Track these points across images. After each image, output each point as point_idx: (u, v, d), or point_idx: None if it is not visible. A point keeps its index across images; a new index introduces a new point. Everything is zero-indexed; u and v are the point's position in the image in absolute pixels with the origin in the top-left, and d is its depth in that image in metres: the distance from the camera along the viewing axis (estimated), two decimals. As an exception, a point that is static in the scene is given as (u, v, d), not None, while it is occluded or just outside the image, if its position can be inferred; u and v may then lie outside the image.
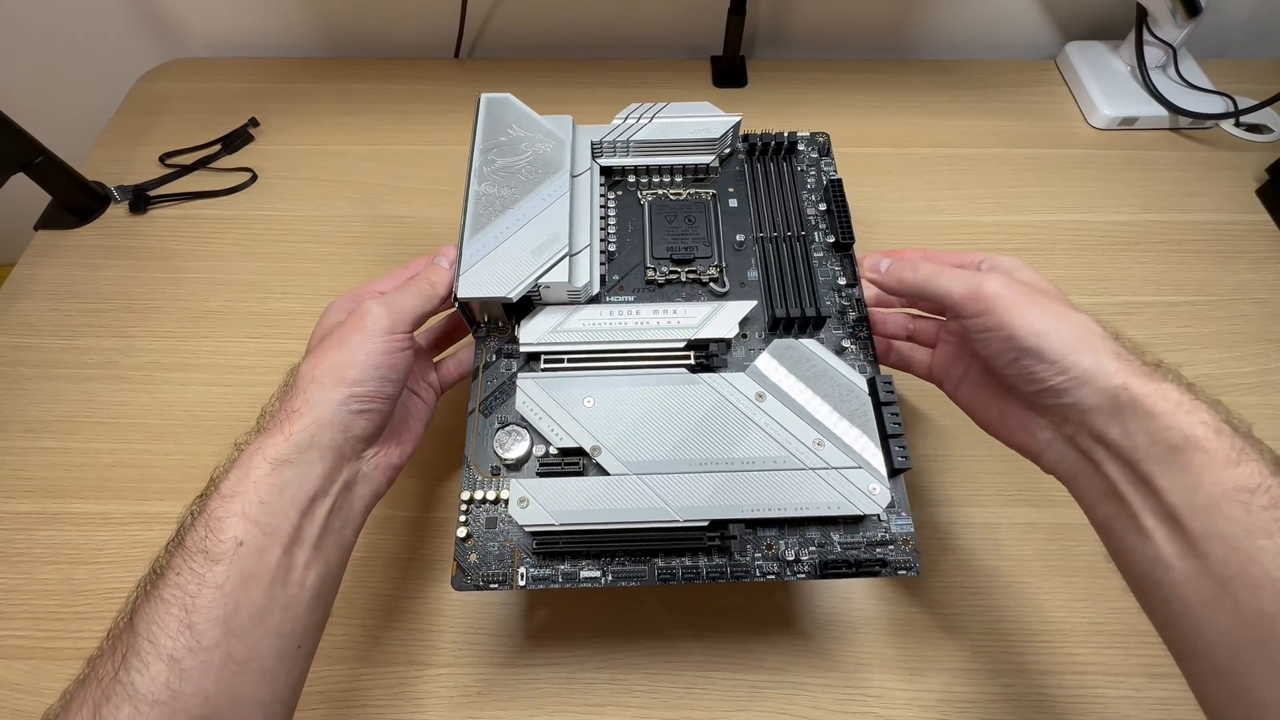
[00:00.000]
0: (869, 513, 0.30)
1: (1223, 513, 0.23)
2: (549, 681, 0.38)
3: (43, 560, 0.41)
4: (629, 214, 0.40)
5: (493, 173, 0.36)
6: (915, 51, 0.70)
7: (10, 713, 0.37)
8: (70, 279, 0.53)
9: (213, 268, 0.53)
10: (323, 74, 0.66)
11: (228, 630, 0.24)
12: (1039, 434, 0.30)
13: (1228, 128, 0.60)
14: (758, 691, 0.37)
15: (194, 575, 0.24)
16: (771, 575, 0.31)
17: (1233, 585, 0.23)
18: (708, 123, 0.39)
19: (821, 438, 0.31)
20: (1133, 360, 0.27)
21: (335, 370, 0.29)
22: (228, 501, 0.26)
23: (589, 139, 0.39)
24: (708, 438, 0.31)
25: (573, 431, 0.32)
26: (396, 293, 0.32)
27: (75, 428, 0.46)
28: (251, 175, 0.58)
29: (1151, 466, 0.25)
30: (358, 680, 0.38)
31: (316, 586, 0.27)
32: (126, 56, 0.68)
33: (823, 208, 0.40)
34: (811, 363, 0.33)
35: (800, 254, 0.37)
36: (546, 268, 0.33)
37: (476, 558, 0.31)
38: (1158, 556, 0.25)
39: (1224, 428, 0.24)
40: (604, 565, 0.31)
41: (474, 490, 0.32)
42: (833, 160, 0.42)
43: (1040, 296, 0.29)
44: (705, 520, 0.30)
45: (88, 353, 0.49)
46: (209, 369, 0.48)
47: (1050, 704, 0.37)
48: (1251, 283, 0.52)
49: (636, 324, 0.34)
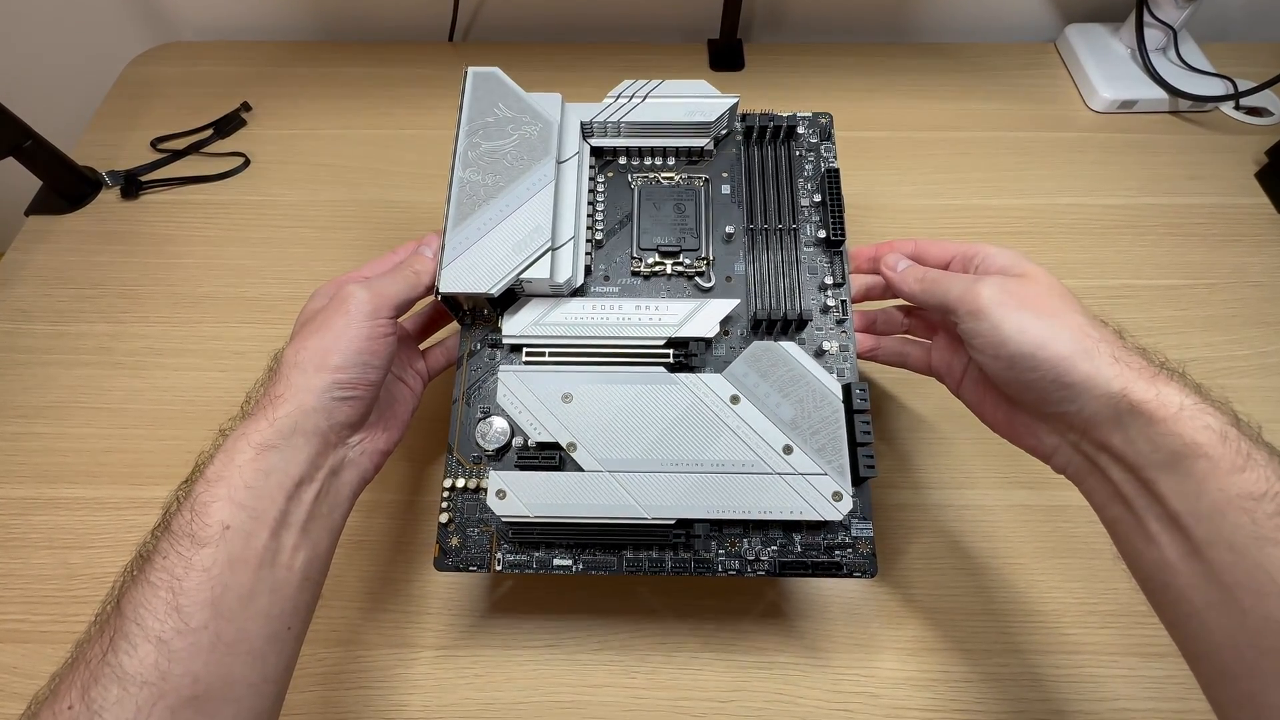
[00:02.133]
0: (831, 519, 0.31)
1: (1227, 519, 0.23)
2: (545, 664, 0.38)
3: (38, 545, 0.41)
4: (619, 197, 0.39)
5: (478, 158, 0.35)
6: (913, 35, 0.70)
7: (8, 696, 0.37)
8: (62, 265, 0.52)
9: (205, 253, 0.53)
10: (315, 58, 0.65)
11: (216, 612, 0.24)
12: (1045, 439, 0.29)
13: (1227, 110, 0.60)
14: (752, 672, 0.37)
15: (180, 558, 0.24)
16: (733, 571, 0.32)
17: (1239, 591, 0.22)
18: (703, 104, 0.38)
19: (791, 443, 0.32)
20: (1133, 363, 0.26)
21: (318, 355, 0.29)
22: (213, 486, 0.26)
23: (579, 118, 0.38)
24: (681, 438, 0.32)
25: (550, 427, 0.32)
26: (380, 278, 0.32)
27: (69, 413, 0.46)
28: (244, 160, 0.58)
29: (1154, 473, 0.25)
30: (353, 661, 0.38)
31: (304, 569, 0.27)
32: (117, 39, 0.67)
33: (818, 198, 0.39)
34: (788, 366, 0.33)
35: (789, 249, 0.37)
36: (528, 263, 0.33)
37: (458, 541, 0.33)
38: (1164, 561, 0.25)
39: (1230, 432, 0.24)
40: (576, 555, 0.33)
41: (456, 478, 0.34)
42: (833, 145, 0.40)
43: (1035, 301, 0.28)
44: (672, 519, 0.31)
45: (80, 338, 0.49)
46: (202, 354, 0.48)
47: (1045, 683, 0.37)
48: (1250, 266, 0.52)
49: (618, 319, 0.34)
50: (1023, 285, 0.29)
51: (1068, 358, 0.26)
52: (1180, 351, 0.48)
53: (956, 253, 0.33)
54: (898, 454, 0.44)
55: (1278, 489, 0.23)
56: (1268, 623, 0.22)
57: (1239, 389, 0.46)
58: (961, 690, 0.37)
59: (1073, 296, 0.29)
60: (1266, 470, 0.23)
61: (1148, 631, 0.38)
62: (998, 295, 0.28)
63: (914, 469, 0.43)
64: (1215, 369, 0.47)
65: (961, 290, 0.29)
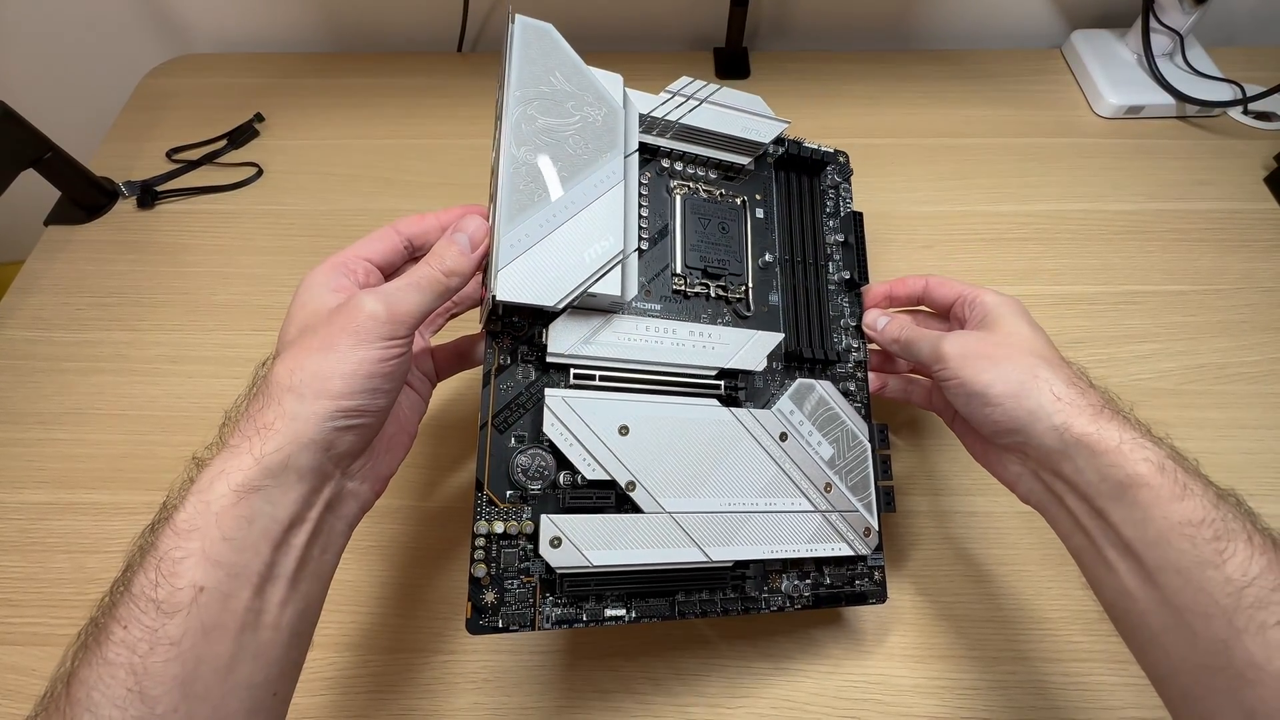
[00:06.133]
0: (861, 553, 0.33)
1: (1172, 545, 0.24)
2: (555, 669, 0.38)
3: (55, 549, 0.42)
4: (657, 203, 0.35)
5: (534, 134, 0.28)
6: (919, 42, 0.70)
7: (26, 699, 0.37)
8: (80, 273, 0.53)
9: (220, 262, 0.54)
10: (327, 69, 0.66)
11: (187, 693, 0.20)
12: (1010, 467, 0.32)
13: (1235, 115, 0.60)
14: (760, 679, 0.38)
15: (145, 631, 0.20)
16: (775, 608, 0.33)
17: (1187, 615, 0.24)
18: (758, 124, 0.36)
19: (832, 481, 0.33)
20: (1076, 401, 0.28)
21: (318, 380, 0.24)
22: (184, 538, 0.21)
23: (638, 109, 0.33)
24: (732, 475, 0.31)
25: (606, 463, 0.29)
26: (399, 287, 0.26)
27: (86, 420, 0.47)
28: (257, 170, 0.59)
29: (1104, 502, 0.26)
30: (362, 665, 0.38)
31: (294, 625, 0.23)
32: (133, 52, 0.68)
33: (840, 238, 0.39)
34: (826, 406, 0.34)
35: (816, 285, 0.37)
36: (599, 274, 0.28)
37: (494, 597, 0.28)
38: (1123, 588, 0.26)
39: (1167, 464, 0.26)
40: (629, 603, 0.30)
41: (492, 522, 0.28)
42: (850, 187, 0.41)
43: (990, 349, 0.31)
44: (732, 561, 0.31)
45: (98, 346, 0.50)
46: (217, 361, 0.49)
47: (1052, 691, 0.37)
48: (1258, 271, 0.52)
49: (673, 344, 0.31)
50: (984, 337, 0.32)
51: (1013, 395, 0.29)
52: (1189, 358, 0.48)
53: (960, 294, 0.36)
54: (904, 461, 0.44)
55: (1214, 516, 0.24)
56: (1214, 643, 0.23)
57: (1247, 395, 0.46)
58: (969, 697, 0.37)
59: (1037, 342, 0.32)
60: (1203, 499, 0.25)
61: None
62: (958, 349, 0.32)
63: (921, 476, 0.43)
64: (1225, 375, 0.47)
65: (930, 347, 0.33)
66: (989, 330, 0.33)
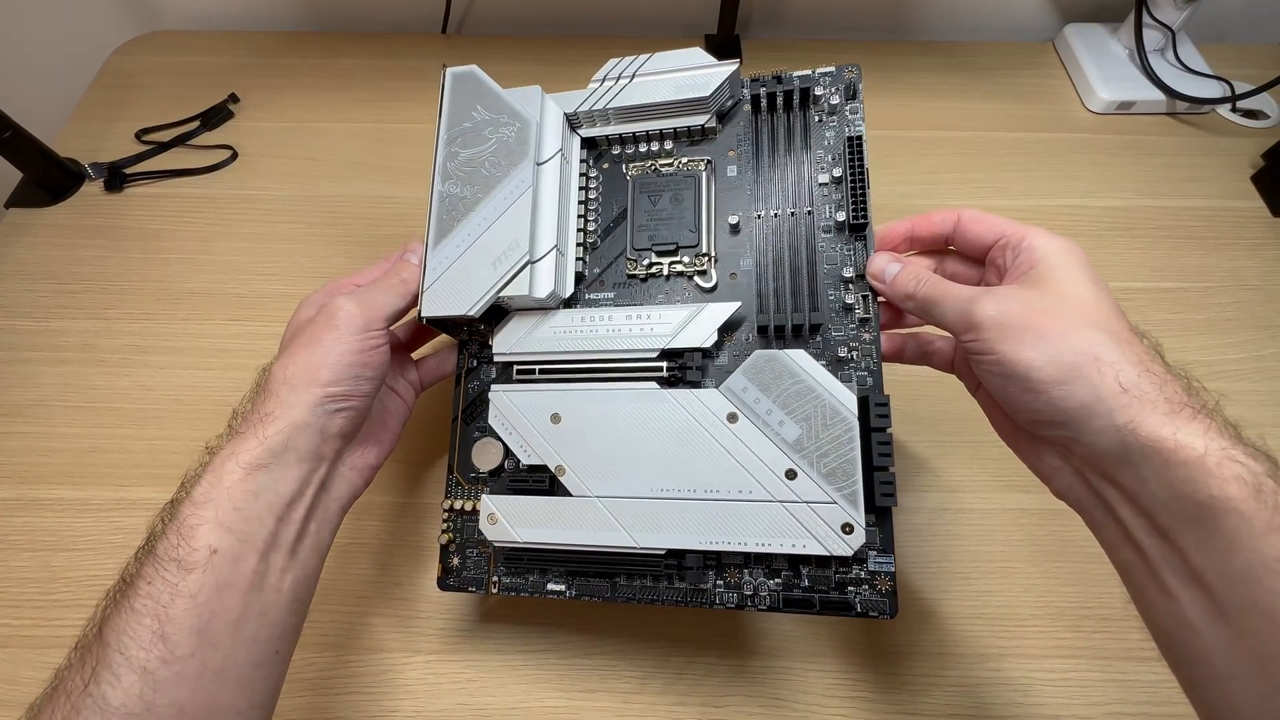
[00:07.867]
0: (839, 554, 0.28)
1: (1263, 585, 0.20)
2: (538, 669, 0.37)
3: (19, 547, 0.40)
4: (615, 192, 0.35)
5: (456, 168, 0.33)
6: (911, 32, 0.69)
7: (-11, 701, 0.36)
8: (44, 259, 0.51)
9: (192, 248, 0.52)
10: (305, 48, 0.64)
11: (203, 640, 0.24)
12: (1046, 460, 0.27)
13: (1224, 113, 0.60)
14: (747, 676, 0.37)
15: (166, 584, 0.24)
16: (730, 605, 0.31)
17: (1273, 666, 0.20)
18: (696, 77, 0.33)
19: (795, 467, 0.29)
20: (1148, 394, 0.22)
21: (308, 371, 0.28)
22: (200, 508, 0.25)
23: (562, 110, 0.35)
24: (674, 460, 0.30)
25: (538, 449, 0.31)
26: (370, 289, 0.31)
27: (51, 412, 0.45)
28: (232, 153, 0.57)
29: (1173, 522, 0.22)
30: (344, 666, 0.37)
31: (293, 591, 0.27)
32: (99, 28, 0.66)
33: (837, 173, 0.33)
34: (795, 378, 0.29)
35: (803, 237, 0.32)
36: (505, 280, 0.31)
37: (458, 561, 0.34)
38: (1183, 619, 0.22)
39: (1265, 484, 0.20)
40: (569, 580, 0.32)
41: (456, 499, 0.34)
42: (860, 106, 0.34)
43: (1039, 317, 0.25)
44: (662, 549, 0.30)
45: (63, 335, 0.48)
46: (189, 352, 0.47)
47: (1039, 688, 0.37)
48: (1245, 269, 0.52)
49: (608, 331, 0.32)
50: (1031, 299, 0.26)
51: (1063, 382, 0.23)
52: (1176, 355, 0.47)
53: (1003, 234, 0.29)
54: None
55: None
56: None
57: (1234, 392, 0.46)
58: (956, 694, 0.37)
59: (1101, 309, 0.25)
60: None
61: (1142, 636, 0.37)
62: (995, 313, 0.25)
63: (909, 472, 0.43)
64: (1211, 372, 0.47)
65: (959, 310, 0.27)
66: (1038, 288, 0.26)
